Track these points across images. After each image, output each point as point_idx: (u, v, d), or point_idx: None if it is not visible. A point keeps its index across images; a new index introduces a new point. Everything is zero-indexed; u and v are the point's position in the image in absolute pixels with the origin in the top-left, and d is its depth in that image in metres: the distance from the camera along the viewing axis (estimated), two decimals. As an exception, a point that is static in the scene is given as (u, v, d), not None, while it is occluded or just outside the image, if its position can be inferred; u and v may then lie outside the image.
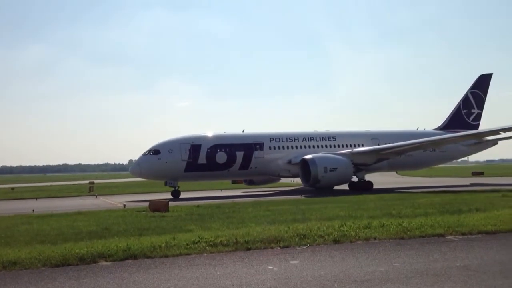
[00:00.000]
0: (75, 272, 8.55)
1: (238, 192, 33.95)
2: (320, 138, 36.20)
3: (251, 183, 37.49)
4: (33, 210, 22.27)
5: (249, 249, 10.22)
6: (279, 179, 38.04)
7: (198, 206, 20.63)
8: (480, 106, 42.31)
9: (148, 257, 9.59)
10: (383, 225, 12.22)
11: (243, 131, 35.82)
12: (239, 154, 32.87)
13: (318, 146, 35.43)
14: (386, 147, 34.74)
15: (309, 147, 35.16)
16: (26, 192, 41.28)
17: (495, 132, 33.93)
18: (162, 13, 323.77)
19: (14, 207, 26.18)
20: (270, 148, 34.05)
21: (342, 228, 11.81)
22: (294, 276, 7.83)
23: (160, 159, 31.02)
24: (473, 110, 41.97)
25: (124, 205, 23.14)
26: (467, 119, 41.74)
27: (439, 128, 41.81)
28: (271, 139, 34.54)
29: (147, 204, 20.78)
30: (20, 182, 72.63)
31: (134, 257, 9.58)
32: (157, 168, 31.10)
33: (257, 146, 33.55)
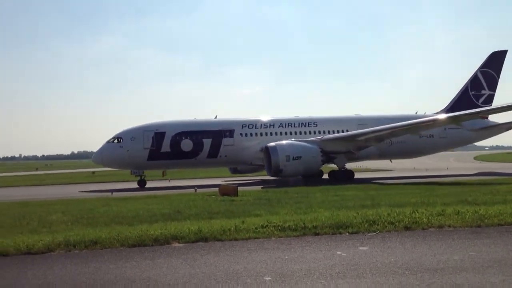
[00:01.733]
0: (150, 253, 8.98)
1: (218, 181, 31.37)
2: (299, 124, 33.74)
3: (235, 171, 35.99)
4: (111, 193, 23.56)
5: (317, 234, 10.21)
6: (264, 168, 32.98)
7: (266, 191, 20.84)
8: (492, 86, 37.90)
9: (218, 240, 9.86)
10: (458, 212, 11.73)
11: (215, 117, 34.47)
12: (207, 142, 31.15)
13: (296, 133, 33.11)
14: (358, 133, 31.61)
15: (286, 133, 32.92)
16: (106, 176, 43.63)
17: (484, 113, 31.55)
18: (227, 1, 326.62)
19: (95, 189, 27.82)
20: (241, 135, 32.05)
21: (413, 215, 11.46)
22: (363, 263, 7.74)
23: (122, 147, 29.81)
24: (483, 91, 37.70)
25: (195, 189, 23.84)
26: (475, 101, 37.34)
27: (443, 111, 37.20)
28: (243, 125, 32.57)
29: (216, 188, 21.28)
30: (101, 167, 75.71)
31: (205, 239, 9.89)
32: (119, 157, 29.94)
33: (227, 133, 31.74)
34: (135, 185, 30.25)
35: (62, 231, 11.46)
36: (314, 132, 33.08)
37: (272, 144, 29.15)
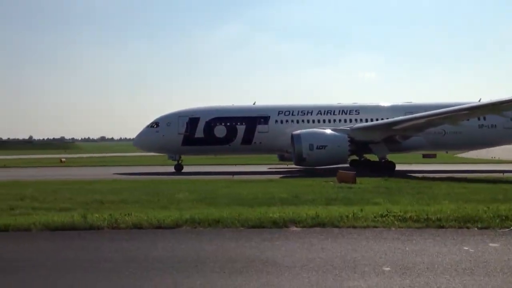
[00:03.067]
0: (268, 234, 9.24)
1: (264, 168, 31.99)
2: (339, 111, 31.54)
3: (282, 158, 34.20)
4: (233, 175, 24.60)
5: (441, 227, 9.66)
6: None
7: (386, 179, 20.18)
8: None
9: (335, 226, 9.80)
10: None
11: (254, 104, 33.61)
12: (241, 128, 30.62)
13: (335, 121, 30.97)
14: (390, 122, 28.56)
15: (324, 121, 30.95)
16: (228, 159, 45.48)
17: None
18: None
19: (218, 171, 29.28)
20: (276, 122, 30.97)
21: (555, 213, 10.30)
22: (493, 260, 7.17)
23: (158, 132, 30.39)
24: None
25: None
26: None
27: None
28: (280, 112, 31.36)
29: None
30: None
31: (323, 225, 9.90)
32: (155, 141, 30.58)
33: (262, 120, 30.85)
34: (252, 168, 31.17)
35: (188, 209, 12.29)
36: (356, 120, 30.74)
37: (297, 132, 28.05)
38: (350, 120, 30.88)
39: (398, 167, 28.62)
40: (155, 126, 30.63)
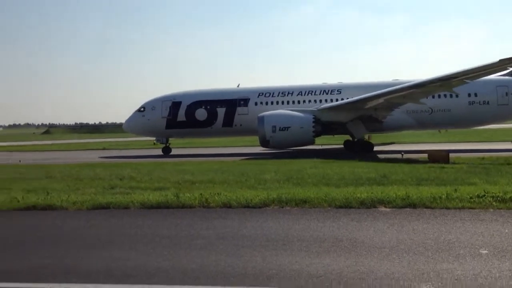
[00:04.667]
0: (356, 215, 9.12)
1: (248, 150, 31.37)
2: (320, 91, 30.32)
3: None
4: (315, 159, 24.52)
5: (546, 209, 8.95)
6: None
7: (483, 158, 19.03)
8: None
9: (427, 207, 9.43)
10: None
11: (238, 86, 33.26)
12: (221, 111, 30.76)
13: (315, 101, 29.88)
14: (355, 100, 26.86)
15: (304, 102, 30.02)
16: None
17: None
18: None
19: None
20: (256, 104, 30.57)
21: None
22: None
23: (144, 116, 31.26)
24: None
25: (402, 155, 23.11)
26: None
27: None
28: (260, 94, 31.02)
29: (425, 154, 20.25)
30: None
31: (413, 206, 9.57)
32: (142, 125, 31.54)
33: (241, 102, 30.77)
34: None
35: (275, 188, 12.45)
36: (337, 100, 29.26)
37: (262, 114, 27.89)
38: (331, 100, 29.91)
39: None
40: (142, 110, 31.69)
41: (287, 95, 30.97)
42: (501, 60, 21.90)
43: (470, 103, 28.84)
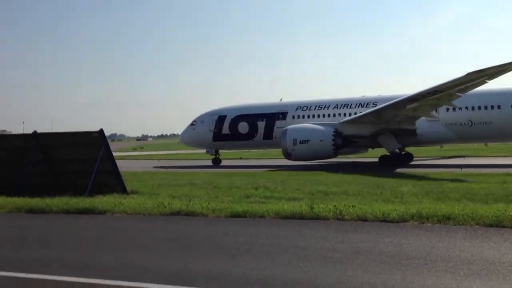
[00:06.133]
0: (510, 235, 8.21)
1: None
2: (356, 104, 30.45)
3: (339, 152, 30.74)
4: (461, 168, 22.73)
5: None
6: (366, 150, 32.24)
7: None
8: None
9: None
10: None
11: (280, 100, 34.93)
12: (261, 124, 32.42)
13: (351, 114, 29.76)
14: (371, 112, 27.39)
15: (340, 115, 30.32)
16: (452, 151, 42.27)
17: None
18: None
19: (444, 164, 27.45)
20: (293, 117, 31.68)
21: None
22: None
23: (195, 129, 34.13)
24: None
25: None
26: None
27: None
28: (298, 107, 32.22)
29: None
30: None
31: None
32: (193, 138, 34.47)
33: (280, 116, 32.17)
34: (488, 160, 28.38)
35: (414, 203, 11.77)
36: None
37: (286, 127, 29.17)
38: None
39: None
40: (194, 123, 34.54)
41: (323, 109, 31.80)
42: (468, 74, 22.09)
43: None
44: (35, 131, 17.11)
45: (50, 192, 14.86)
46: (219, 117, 34.26)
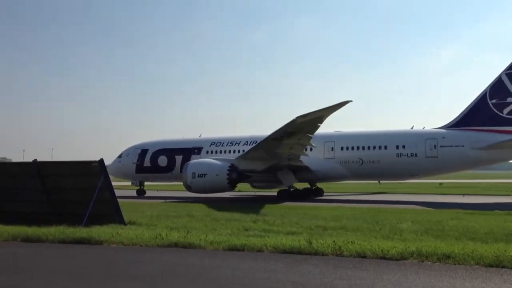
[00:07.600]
0: (510, 276, 8.10)
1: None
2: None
3: (254, 186, 35.49)
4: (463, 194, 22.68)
5: None
6: (278, 185, 33.27)
7: None
8: None
9: None
10: None
11: (199, 136, 37.40)
12: (178, 158, 34.58)
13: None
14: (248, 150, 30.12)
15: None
16: (454, 188, 42.30)
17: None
18: None
19: (443, 201, 27.35)
20: (207, 152, 34.05)
21: None
22: None
23: (120, 162, 36.73)
24: (510, 99, 28.42)
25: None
26: (498, 112, 28.48)
27: (447, 127, 30.16)
28: (212, 143, 34.74)
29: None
30: (450, 178, 72.43)
31: None
32: (119, 169, 36.69)
33: (195, 151, 34.38)
34: (484, 199, 28.24)
35: (413, 240, 11.67)
36: None
37: (188, 162, 30.97)
38: None
39: None
40: (120, 156, 36.94)
41: (235, 145, 34.17)
42: (297, 118, 24.04)
43: (398, 155, 29.54)
44: (35, 159, 17.14)
45: (47, 221, 14.76)
46: (142, 151, 36.73)
